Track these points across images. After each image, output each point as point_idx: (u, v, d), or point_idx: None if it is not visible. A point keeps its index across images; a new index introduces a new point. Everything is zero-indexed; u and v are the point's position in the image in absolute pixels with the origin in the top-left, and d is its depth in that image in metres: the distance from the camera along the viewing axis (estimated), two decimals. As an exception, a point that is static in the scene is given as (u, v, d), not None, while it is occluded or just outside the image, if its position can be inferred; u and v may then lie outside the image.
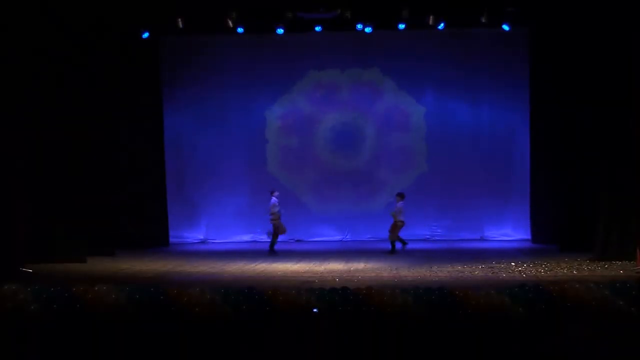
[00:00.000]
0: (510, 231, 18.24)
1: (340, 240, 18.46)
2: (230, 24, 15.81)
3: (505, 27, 16.26)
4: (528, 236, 17.53)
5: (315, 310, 7.37)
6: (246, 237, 18.67)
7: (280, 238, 16.33)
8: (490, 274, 12.09)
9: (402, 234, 15.91)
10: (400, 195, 15.91)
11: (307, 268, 13.33)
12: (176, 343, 7.32)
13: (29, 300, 7.76)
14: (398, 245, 15.73)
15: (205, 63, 18.56)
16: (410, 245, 16.16)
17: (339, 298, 7.65)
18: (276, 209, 15.96)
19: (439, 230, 18.45)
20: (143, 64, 17.30)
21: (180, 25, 15.69)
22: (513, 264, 13.24)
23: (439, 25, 16.08)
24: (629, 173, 13.43)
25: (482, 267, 13.00)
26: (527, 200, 17.46)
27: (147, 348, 7.27)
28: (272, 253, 15.72)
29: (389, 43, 18.13)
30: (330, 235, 18.60)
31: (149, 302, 7.73)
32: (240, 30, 16.41)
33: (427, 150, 18.48)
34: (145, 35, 16.51)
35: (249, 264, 14.15)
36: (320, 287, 8.29)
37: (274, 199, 16.05)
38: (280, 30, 16.55)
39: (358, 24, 16.25)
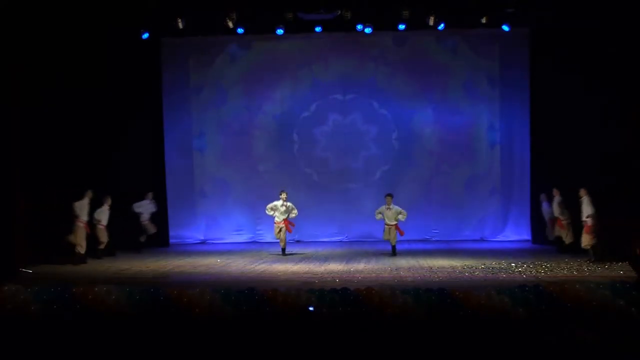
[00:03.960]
0: (510, 231, 18.24)
1: (340, 241, 18.46)
2: (231, 24, 15.80)
3: (505, 28, 16.28)
4: (528, 236, 17.55)
5: (310, 308, 7.38)
6: (246, 237, 18.68)
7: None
8: (490, 275, 12.08)
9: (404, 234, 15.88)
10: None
11: (307, 269, 13.32)
12: (176, 343, 7.31)
13: (29, 301, 7.77)
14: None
15: (205, 63, 18.58)
16: (410, 246, 16.13)
17: (339, 298, 7.66)
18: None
19: (439, 231, 18.44)
20: (144, 64, 17.32)
21: (181, 25, 15.68)
22: (513, 264, 13.24)
23: (439, 25, 16.09)
24: (629, 173, 13.44)
25: (482, 267, 13.00)
26: (527, 201, 17.48)
27: (147, 348, 7.27)
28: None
29: (388, 43, 18.16)
30: (330, 235, 18.60)
31: (149, 302, 7.73)
32: (240, 30, 16.42)
33: (427, 150, 18.47)
34: (146, 36, 16.53)
35: (249, 264, 14.15)
36: (321, 287, 8.30)
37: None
38: (280, 31, 16.56)
39: (358, 24, 16.25)
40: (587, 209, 13.82)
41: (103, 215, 15.47)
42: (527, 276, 11.73)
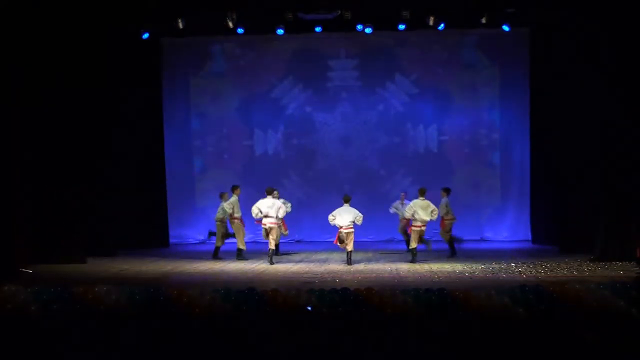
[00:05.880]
0: (510, 232, 18.23)
1: (340, 241, 18.43)
2: (231, 24, 15.79)
3: (505, 28, 16.28)
4: (528, 237, 17.54)
5: (309, 308, 7.38)
6: (246, 237, 18.63)
7: (280, 239, 16.24)
8: (490, 275, 12.08)
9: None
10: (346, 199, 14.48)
11: (307, 269, 13.32)
12: (176, 343, 7.31)
13: (29, 301, 7.77)
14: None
15: (205, 63, 18.59)
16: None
17: (339, 298, 7.66)
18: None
19: (439, 231, 18.40)
20: (144, 64, 17.31)
21: (181, 26, 15.67)
22: (513, 264, 13.24)
23: (439, 26, 16.08)
24: (629, 173, 13.43)
25: (482, 267, 13.00)
26: (527, 201, 17.48)
27: (148, 348, 7.27)
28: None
29: (389, 43, 18.16)
30: (330, 236, 18.56)
31: (149, 302, 7.73)
32: (240, 30, 16.41)
33: (427, 150, 18.48)
34: (146, 36, 16.52)
35: (249, 264, 14.15)
36: (321, 287, 8.30)
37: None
38: (280, 31, 16.56)
39: (358, 24, 16.25)
40: (446, 210, 15.08)
41: (236, 206, 15.09)
42: (527, 276, 11.72)
